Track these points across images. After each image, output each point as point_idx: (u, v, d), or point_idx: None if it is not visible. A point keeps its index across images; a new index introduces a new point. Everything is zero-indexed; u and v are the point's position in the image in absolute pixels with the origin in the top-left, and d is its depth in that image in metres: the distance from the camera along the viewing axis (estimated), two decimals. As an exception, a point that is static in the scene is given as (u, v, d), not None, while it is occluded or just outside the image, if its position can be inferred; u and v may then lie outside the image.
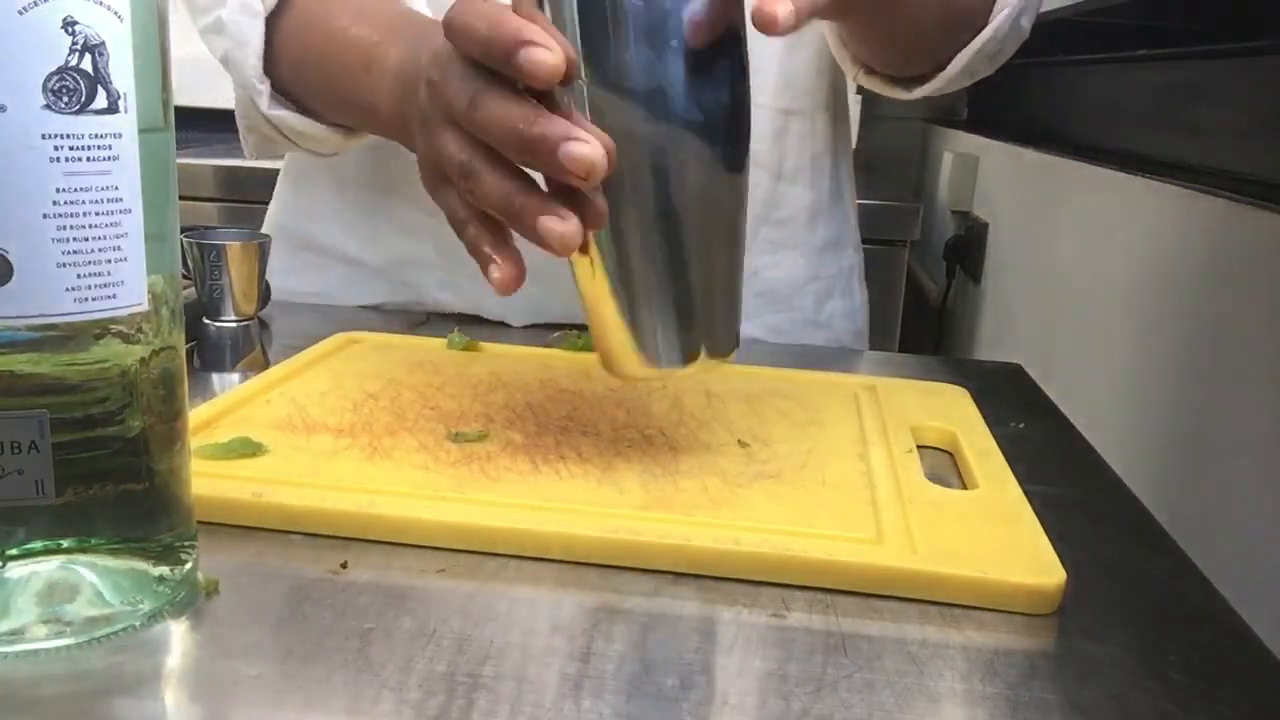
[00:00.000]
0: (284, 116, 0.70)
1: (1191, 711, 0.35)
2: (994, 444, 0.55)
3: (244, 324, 0.76)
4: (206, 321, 0.76)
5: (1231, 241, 0.71)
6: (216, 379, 0.66)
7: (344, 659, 0.34)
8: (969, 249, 1.55)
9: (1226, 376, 0.68)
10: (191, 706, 0.33)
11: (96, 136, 0.32)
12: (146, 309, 0.34)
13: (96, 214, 0.32)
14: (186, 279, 0.75)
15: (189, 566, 0.37)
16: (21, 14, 0.30)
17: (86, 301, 0.33)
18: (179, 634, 0.36)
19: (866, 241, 0.92)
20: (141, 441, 0.35)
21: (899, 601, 0.40)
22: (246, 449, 0.47)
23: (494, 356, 0.66)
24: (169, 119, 0.35)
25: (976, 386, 0.65)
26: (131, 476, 0.35)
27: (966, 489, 0.50)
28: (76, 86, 0.31)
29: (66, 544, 0.34)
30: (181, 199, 0.37)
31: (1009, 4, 0.68)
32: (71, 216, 0.32)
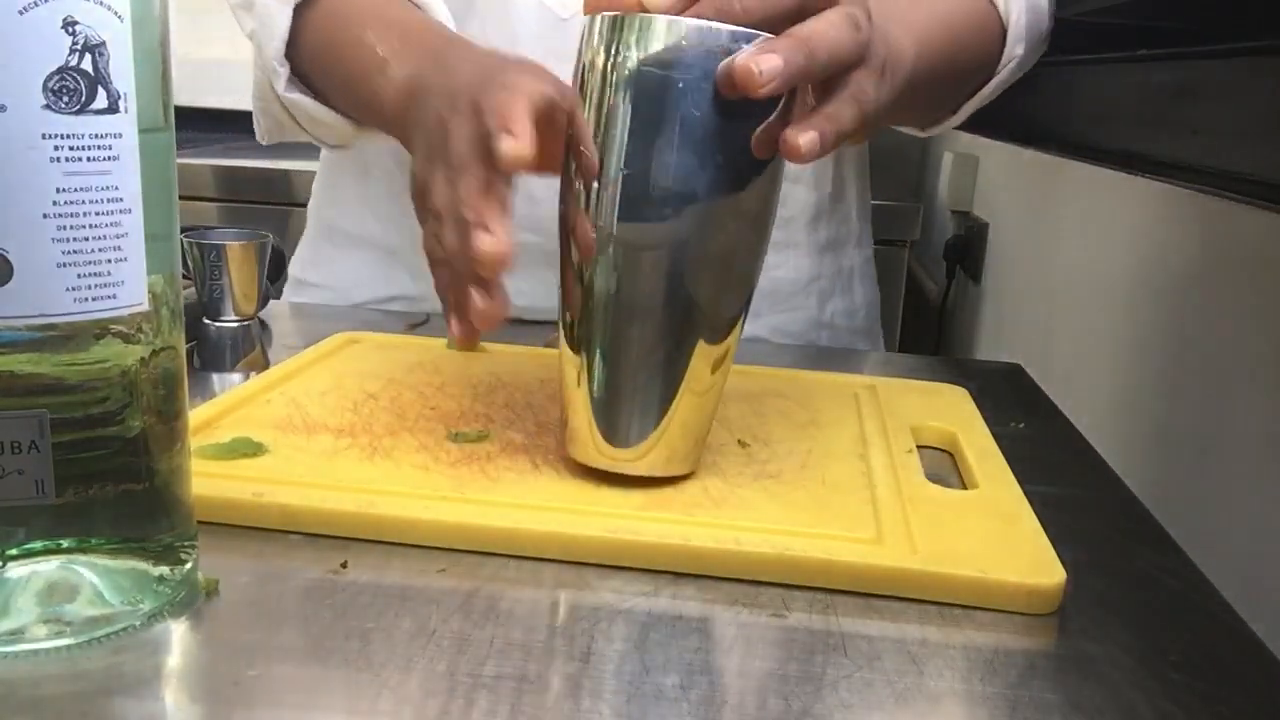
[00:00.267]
0: (298, 100, 0.71)
1: (1191, 711, 0.35)
2: (994, 444, 0.55)
3: (244, 324, 0.76)
4: (206, 321, 0.76)
5: (1232, 242, 0.71)
6: (216, 379, 0.66)
7: (344, 659, 0.34)
8: (969, 249, 1.55)
9: (1227, 376, 0.68)
10: (191, 706, 0.33)
11: (96, 136, 0.32)
12: (146, 309, 0.34)
13: (96, 214, 0.32)
14: (186, 279, 0.75)
15: (189, 566, 0.37)
16: (22, 14, 0.30)
17: (86, 301, 0.33)
18: (179, 634, 0.36)
19: (866, 242, 0.92)
20: (141, 441, 0.35)
21: (899, 601, 0.40)
22: (247, 449, 0.48)
23: (494, 356, 0.66)
24: (169, 119, 0.35)
25: (976, 386, 0.65)
26: (131, 476, 0.35)
27: (966, 489, 0.50)
28: (77, 86, 0.31)
29: (66, 544, 0.34)
30: (181, 199, 0.37)
31: (1015, 56, 0.72)
32: (71, 216, 0.32)
